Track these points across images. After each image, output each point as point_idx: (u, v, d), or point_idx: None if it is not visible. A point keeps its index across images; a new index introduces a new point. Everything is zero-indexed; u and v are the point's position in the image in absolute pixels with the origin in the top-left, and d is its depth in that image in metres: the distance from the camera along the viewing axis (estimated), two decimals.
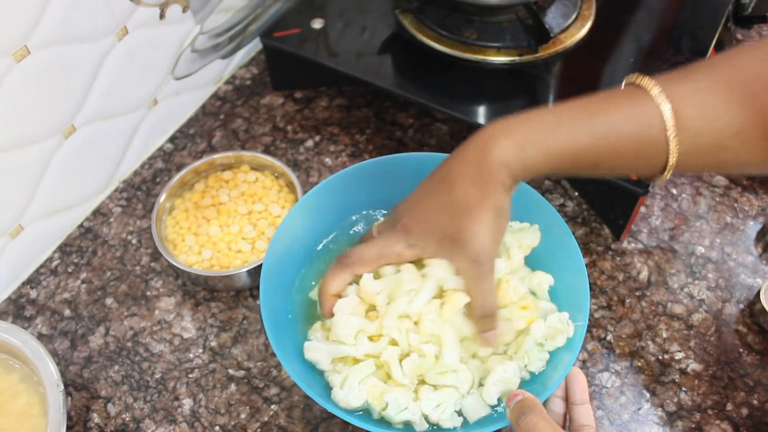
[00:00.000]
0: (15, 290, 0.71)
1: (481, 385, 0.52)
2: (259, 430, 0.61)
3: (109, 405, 0.63)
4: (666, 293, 0.68)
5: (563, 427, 0.52)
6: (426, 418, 0.51)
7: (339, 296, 0.54)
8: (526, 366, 0.53)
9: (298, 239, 0.60)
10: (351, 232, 0.63)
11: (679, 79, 0.47)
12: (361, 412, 0.53)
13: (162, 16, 0.73)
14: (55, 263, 0.73)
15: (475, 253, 0.48)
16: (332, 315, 0.53)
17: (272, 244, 0.58)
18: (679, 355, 0.63)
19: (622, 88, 0.49)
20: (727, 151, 0.46)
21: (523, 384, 0.53)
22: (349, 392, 0.51)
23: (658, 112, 0.45)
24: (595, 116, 0.47)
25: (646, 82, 0.46)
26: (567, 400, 0.52)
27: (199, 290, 0.70)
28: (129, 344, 0.67)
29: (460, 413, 0.52)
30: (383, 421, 0.52)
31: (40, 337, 0.67)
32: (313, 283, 0.60)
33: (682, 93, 0.46)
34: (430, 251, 0.52)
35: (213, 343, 0.66)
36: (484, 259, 0.49)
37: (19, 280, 0.72)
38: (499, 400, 0.52)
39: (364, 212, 0.64)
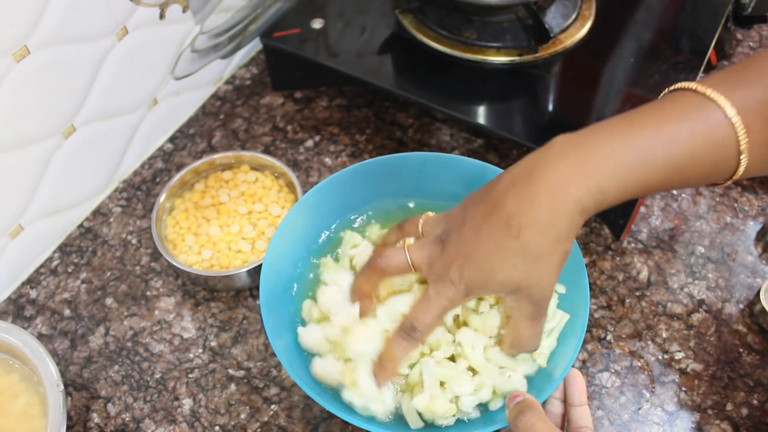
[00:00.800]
0: (15, 290, 0.71)
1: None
2: (259, 430, 0.61)
3: (109, 405, 0.63)
4: (666, 293, 0.67)
5: (561, 428, 0.52)
6: (420, 416, 0.51)
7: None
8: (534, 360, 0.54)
9: (299, 238, 0.61)
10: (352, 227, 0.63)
11: (742, 86, 0.44)
12: (361, 412, 0.53)
13: (162, 16, 0.73)
14: (55, 263, 0.73)
15: (538, 298, 0.47)
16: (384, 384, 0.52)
17: (273, 242, 0.58)
18: (679, 355, 0.63)
19: (675, 92, 0.46)
20: None
21: (541, 370, 0.53)
22: (326, 363, 0.52)
23: (731, 127, 0.43)
24: (673, 139, 0.43)
25: (713, 94, 0.43)
26: (565, 401, 0.52)
27: (199, 290, 0.70)
28: (129, 344, 0.67)
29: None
30: (383, 422, 0.52)
31: (40, 337, 0.67)
32: (311, 275, 0.61)
33: (750, 103, 0.43)
34: (487, 295, 0.52)
35: (213, 343, 0.66)
36: (546, 302, 0.48)
37: (19, 280, 0.72)
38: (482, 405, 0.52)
39: (364, 212, 0.64)
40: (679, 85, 0.46)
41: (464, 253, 0.47)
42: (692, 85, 0.45)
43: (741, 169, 0.44)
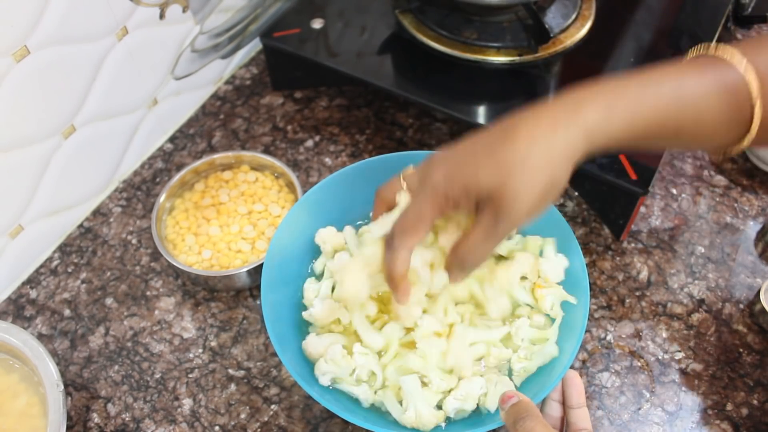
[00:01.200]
0: (15, 290, 0.71)
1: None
2: (259, 430, 0.61)
3: (109, 405, 0.63)
4: (666, 293, 0.67)
5: (560, 431, 0.52)
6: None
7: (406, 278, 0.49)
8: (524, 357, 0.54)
9: (301, 235, 0.61)
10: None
11: (758, 47, 0.45)
12: (362, 409, 0.53)
13: (162, 16, 0.73)
14: (55, 263, 0.73)
15: (504, 215, 0.44)
16: (407, 300, 0.50)
17: (274, 239, 0.58)
18: (679, 355, 0.63)
19: (694, 56, 0.47)
20: None
21: (519, 386, 0.53)
22: (319, 340, 0.55)
23: (743, 79, 0.44)
24: (682, 80, 0.44)
25: (728, 51, 0.44)
26: (564, 403, 0.52)
27: (199, 290, 0.70)
28: (129, 344, 0.67)
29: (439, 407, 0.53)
30: (385, 421, 0.52)
31: (40, 337, 0.67)
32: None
33: (763, 61, 0.44)
34: (463, 204, 0.46)
35: (213, 343, 0.66)
36: (507, 223, 0.44)
37: (19, 280, 0.71)
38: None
39: (368, 210, 0.64)
40: (693, 51, 0.47)
41: (455, 157, 0.46)
42: (705, 48, 0.46)
43: (756, 120, 0.44)
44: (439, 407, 0.52)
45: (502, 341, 0.55)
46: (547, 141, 0.43)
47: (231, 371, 0.64)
